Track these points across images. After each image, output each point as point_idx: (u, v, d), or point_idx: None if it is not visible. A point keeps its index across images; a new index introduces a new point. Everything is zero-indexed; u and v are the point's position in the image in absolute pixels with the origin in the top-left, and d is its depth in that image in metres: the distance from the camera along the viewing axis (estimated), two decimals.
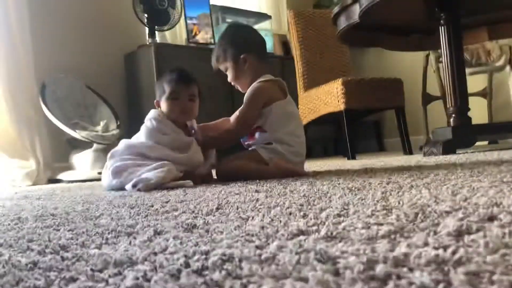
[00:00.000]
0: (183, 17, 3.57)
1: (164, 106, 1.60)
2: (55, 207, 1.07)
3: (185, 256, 0.42)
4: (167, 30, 3.50)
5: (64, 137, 2.97)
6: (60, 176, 2.85)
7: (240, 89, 1.71)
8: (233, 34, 1.71)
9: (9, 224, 0.79)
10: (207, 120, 1.70)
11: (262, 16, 4.11)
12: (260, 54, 1.68)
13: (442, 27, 2.24)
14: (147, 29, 3.39)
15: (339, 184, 1.06)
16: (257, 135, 1.60)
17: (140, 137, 1.58)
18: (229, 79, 1.69)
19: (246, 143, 1.66)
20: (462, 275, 0.30)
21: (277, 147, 1.53)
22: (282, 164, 1.50)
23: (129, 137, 1.67)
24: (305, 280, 0.32)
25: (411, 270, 0.33)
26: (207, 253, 0.43)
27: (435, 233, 0.44)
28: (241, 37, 1.69)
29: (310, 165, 2.24)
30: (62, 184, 2.59)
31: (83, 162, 2.85)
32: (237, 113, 1.63)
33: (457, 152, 2.23)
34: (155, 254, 0.45)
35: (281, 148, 1.53)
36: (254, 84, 1.61)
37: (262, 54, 1.70)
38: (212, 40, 3.68)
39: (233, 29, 1.77)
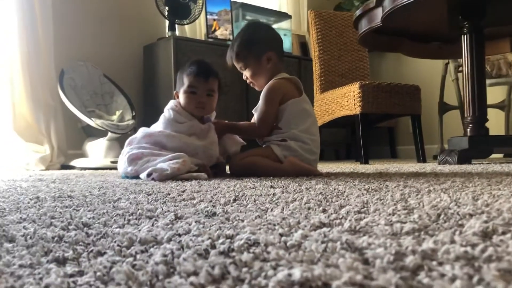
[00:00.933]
0: (203, 12, 3.58)
1: (181, 98, 1.60)
2: (72, 190, 1.08)
3: (210, 238, 0.43)
4: (187, 24, 3.52)
5: (79, 124, 3.00)
6: (73, 162, 2.88)
7: (257, 87, 1.70)
8: (255, 32, 1.68)
9: (28, 202, 0.81)
10: (219, 114, 1.70)
11: (282, 15, 4.11)
12: (279, 53, 1.67)
13: (465, 36, 2.22)
14: (167, 22, 3.40)
15: (354, 185, 1.06)
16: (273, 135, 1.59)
17: (158, 126, 1.59)
18: (248, 76, 1.67)
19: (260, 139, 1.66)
20: (495, 270, 0.30)
21: (291, 144, 1.53)
22: (297, 162, 1.50)
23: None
24: (334, 266, 0.32)
25: (440, 264, 0.33)
26: (231, 237, 0.43)
27: (461, 232, 0.44)
28: (264, 35, 1.68)
29: (322, 167, 2.23)
30: (75, 170, 2.61)
31: (96, 150, 2.87)
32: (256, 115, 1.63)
33: (472, 163, 2.21)
34: (179, 235, 0.45)
35: (295, 145, 1.53)
36: (269, 82, 1.60)
37: (281, 52, 1.70)
38: (231, 37, 3.69)
39: (254, 26, 1.75)
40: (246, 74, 1.67)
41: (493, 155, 3.20)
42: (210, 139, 1.55)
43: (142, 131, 1.58)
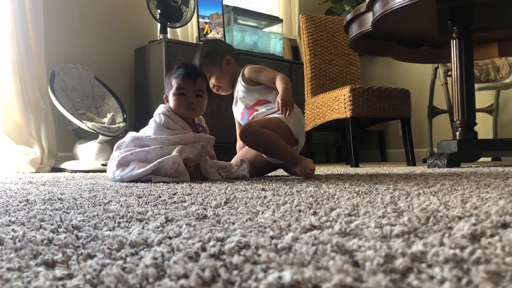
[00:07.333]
0: (195, 15, 3.58)
1: (171, 101, 1.60)
2: (62, 192, 1.07)
3: (201, 241, 0.42)
4: (179, 27, 3.52)
5: (69, 127, 2.98)
6: (64, 165, 2.86)
7: (223, 91, 1.88)
8: (213, 43, 1.94)
9: (17, 205, 0.80)
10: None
11: (274, 19, 4.11)
12: (236, 57, 1.90)
13: (454, 41, 2.25)
14: (159, 25, 3.40)
15: (345, 187, 1.06)
16: (263, 107, 1.76)
17: (147, 130, 1.58)
18: (213, 81, 1.84)
19: (251, 117, 1.76)
20: (483, 273, 0.30)
21: (300, 121, 1.76)
22: (311, 166, 1.55)
23: (135, 131, 1.67)
24: (324, 268, 0.32)
25: (429, 266, 0.33)
26: (222, 240, 0.43)
27: (450, 235, 0.44)
28: (220, 44, 1.95)
29: None
30: (66, 173, 2.59)
31: (87, 153, 2.85)
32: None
33: (461, 166, 2.23)
34: (170, 238, 0.45)
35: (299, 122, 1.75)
36: (246, 67, 1.81)
37: (238, 58, 1.93)
38: (223, 40, 3.69)
39: (210, 41, 2.02)
40: (212, 80, 1.84)
41: (482, 159, 3.24)
42: (198, 151, 1.53)
43: (130, 135, 1.57)
